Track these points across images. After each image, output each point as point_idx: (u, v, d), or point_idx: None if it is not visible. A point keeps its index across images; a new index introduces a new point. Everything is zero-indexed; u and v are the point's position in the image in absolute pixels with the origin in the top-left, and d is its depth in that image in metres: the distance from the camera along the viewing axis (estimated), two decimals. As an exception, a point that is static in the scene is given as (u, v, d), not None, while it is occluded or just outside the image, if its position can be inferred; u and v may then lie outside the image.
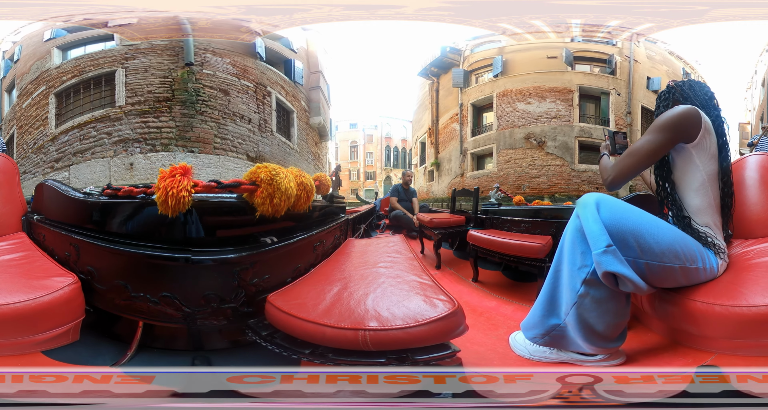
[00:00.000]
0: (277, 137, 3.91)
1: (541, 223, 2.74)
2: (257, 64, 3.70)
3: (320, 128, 4.58)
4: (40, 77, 3.31)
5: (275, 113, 3.89)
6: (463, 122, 5.51)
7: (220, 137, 3.29)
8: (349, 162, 6.88)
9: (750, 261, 1.53)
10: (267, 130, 3.75)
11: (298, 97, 4.19)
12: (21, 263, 1.66)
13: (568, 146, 4.91)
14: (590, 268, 1.40)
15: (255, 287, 1.45)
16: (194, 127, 3.16)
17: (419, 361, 1.19)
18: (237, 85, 3.51)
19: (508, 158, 5.15)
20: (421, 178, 6.42)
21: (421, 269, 1.71)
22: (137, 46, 3.29)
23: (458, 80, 5.39)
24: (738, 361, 1.29)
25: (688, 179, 1.48)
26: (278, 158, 3.91)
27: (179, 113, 3.09)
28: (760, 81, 4.88)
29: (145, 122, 3.09)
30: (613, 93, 4.87)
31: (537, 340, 1.53)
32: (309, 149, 4.40)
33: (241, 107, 3.50)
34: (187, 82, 3.19)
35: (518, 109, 5.07)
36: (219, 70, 3.44)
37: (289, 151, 4.08)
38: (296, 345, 1.27)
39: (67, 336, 1.39)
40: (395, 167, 7.03)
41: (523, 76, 5.03)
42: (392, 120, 7.08)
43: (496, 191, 4.58)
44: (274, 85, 3.85)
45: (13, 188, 2.29)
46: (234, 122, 3.40)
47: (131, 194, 1.51)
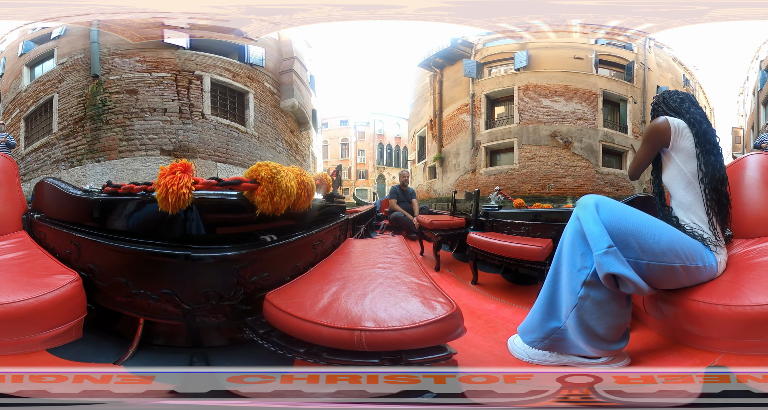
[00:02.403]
0: (213, 120, 3.77)
1: (542, 226, 2.74)
2: (178, 54, 3.68)
3: (297, 113, 4.44)
4: (17, 99, 3.64)
5: (210, 94, 3.76)
6: (475, 112, 5.15)
7: (126, 139, 3.40)
8: (339, 160, 6.68)
9: (751, 261, 1.54)
10: (195, 114, 3.65)
11: (259, 79, 4.08)
12: (22, 262, 1.66)
13: (593, 148, 4.80)
14: (590, 270, 1.40)
15: (254, 285, 1.45)
16: (100, 137, 3.34)
17: (413, 362, 1.19)
18: (148, 79, 3.54)
19: (532, 155, 4.86)
20: (419, 175, 6.01)
21: (420, 271, 1.70)
22: (66, 64, 3.56)
23: (471, 70, 5.12)
24: (744, 361, 1.29)
25: (675, 178, 1.59)
26: (216, 144, 3.73)
27: (89, 128, 3.35)
28: (751, 88, 4.88)
29: (68, 144, 3.40)
30: (630, 101, 4.83)
31: (536, 344, 1.52)
32: (279, 136, 4.25)
33: (152, 100, 3.51)
34: (96, 95, 3.42)
35: (543, 105, 4.86)
36: (126, 72, 3.54)
37: (238, 135, 3.88)
38: (291, 343, 1.27)
39: (70, 334, 1.40)
40: (389, 165, 6.82)
41: (549, 74, 4.85)
42: (385, 117, 6.85)
43: (496, 194, 4.55)
44: (208, 69, 3.80)
45: (13, 187, 2.29)
46: (143, 119, 3.44)
47: (131, 192, 1.52)
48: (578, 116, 4.81)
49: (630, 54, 4.80)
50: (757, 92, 4.76)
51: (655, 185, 1.70)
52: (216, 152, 3.73)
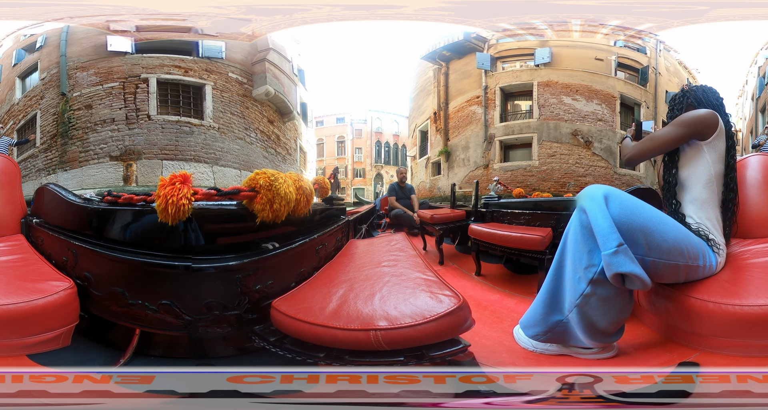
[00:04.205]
0: (159, 120, 3.89)
1: (542, 215, 2.74)
2: (126, 60, 3.88)
3: (278, 103, 4.39)
4: (11, 110, 4.00)
5: (157, 94, 3.89)
6: (488, 105, 4.89)
7: (83, 151, 3.81)
8: (336, 159, 6.39)
9: (747, 261, 1.55)
10: (141, 117, 3.85)
11: (220, 70, 4.11)
12: (17, 266, 1.65)
13: (611, 150, 4.67)
14: (598, 268, 1.37)
15: (258, 293, 1.44)
16: (67, 151, 3.80)
17: (435, 358, 1.19)
18: (100, 92, 3.85)
19: (553, 152, 4.67)
20: (421, 172, 5.68)
21: (425, 266, 1.70)
22: (45, 80, 3.90)
23: (485, 62, 4.89)
24: (720, 360, 1.30)
25: (697, 173, 1.55)
26: (162, 143, 3.86)
27: (60, 143, 3.82)
28: (750, 93, 4.87)
29: (46, 156, 3.87)
30: (643, 105, 4.80)
31: (539, 337, 1.53)
32: (252, 126, 4.22)
33: (103, 112, 3.81)
34: (64, 112, 3.82)
35: (564, 103, 4.70)
36: (84, 86, 3.86)
37: (190, 129, 3.95)
38: (308, 349, 1.26)
39: (57, 341, 1.37)
40: (386, 163, 6.55)
41: (570, 72, 4.70)
42: (383, 114, 6.57)
43: (495, 185, 4.46)
44: (155, 69, 3.93)
45: (14, 189, 2.28)
46: (95, 131, 3.80)
47: (131, 202, 1.51)
48: (598, 117, 4.71)
49: (644, 58, 4.74)
50: (755, 99, 4.76)
51: (671, 176, 1.62)
52: (163, 151, 3.87)
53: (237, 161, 4.08)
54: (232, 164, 4.05)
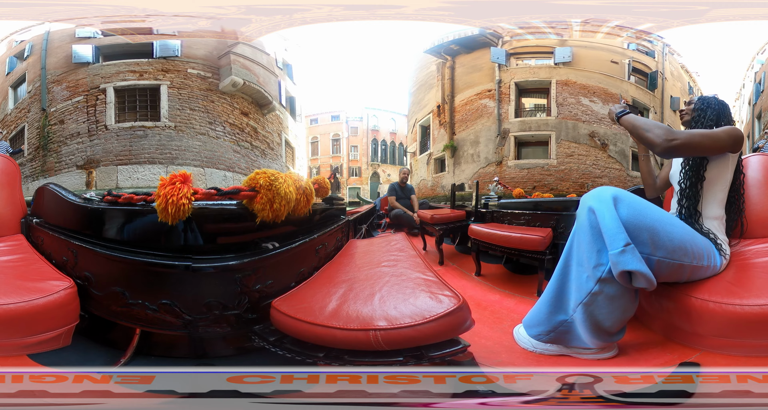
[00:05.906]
0: (115, 128, 4.10)
1: (542, 215, 2.74)
2: (89, 70, 4.11)
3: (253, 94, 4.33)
4: (5, 120, 4.29)
5: (114, 104, 4.09)
6: (502, 99, 4.67)
7: (57, 161, 4.16)
8: (330, 157, 6.24)
9: (748, 261, 1.56)
10: (100, 128, 4.10)
11: (178, 68, 4.16)
12: (17, 265, 1.65)
13: (624, 153, 4.66)
14: (606, 267, 1.38)
15: (258, 293, 1.44)
16: (46, 161, 4.16)
17: (435, 358, 1.19)
18: (69, 107, 4.13)
19: (571, 152, 4.58)
20: (422, 169, 5.38)
21: (425, 266, 1.70)
22: (31, 93, 4.18)
23: (499, 57, 4.73)
24: (720, 360, 1.30)
25: (722, 180, 1.63)
26: (117, 150, 4.07)
27: (41, 155, 4.17)
28: (747, 98, 4.87)
29: (32, 165, 4.19)
30: (651, 111, 4.79)
31: (541, 337, 1.53)
32: (218, 119, 4.22)
33: (71, 127, 4.13)
34: (45, 127, 4.16)
35: (582, 104, 4.64)
36: (59, 101, 4.13)
37: (144, 133, 4.09)
38: (308, 348, 1.26)
39: (57, 341, 1.37)
40: (383, 162, 6.43)
41: (588, 73, 4.65)
42: (379, 112, 6.42)
43: (495, 185, 4.42)
44: (111, 78, 4.12)
45: (14, 189, 2.28)
46: (66, 145, 4.14)
47: (131, 202, 1.51)
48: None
49: (652, 62, 4.72)
50: (752, 104, 4.76)
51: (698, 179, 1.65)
52: (117, 157, 4.09)
53: (198, 158, 4.14)
54: (191, 161, 4.11)
